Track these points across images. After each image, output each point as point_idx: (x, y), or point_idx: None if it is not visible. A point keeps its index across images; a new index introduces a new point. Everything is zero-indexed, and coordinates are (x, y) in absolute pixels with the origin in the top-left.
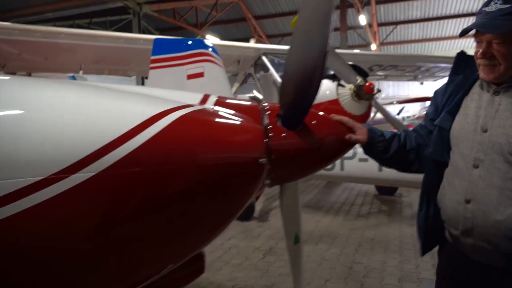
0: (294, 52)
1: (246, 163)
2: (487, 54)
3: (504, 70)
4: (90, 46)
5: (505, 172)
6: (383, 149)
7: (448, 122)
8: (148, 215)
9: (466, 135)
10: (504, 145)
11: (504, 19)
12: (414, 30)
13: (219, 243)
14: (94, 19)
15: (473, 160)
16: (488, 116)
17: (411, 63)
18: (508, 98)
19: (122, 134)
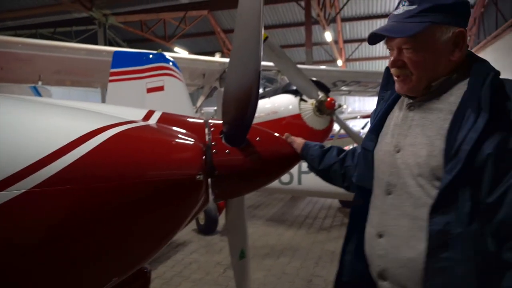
0: (231, 72)
1: (182, 180)
2: (398, 63)
3: (416, 81)
4: (50, 57)
5: (417, 198)
6: (313, 162)
7: (372, 142)
8: (80, 232)
9: (383, 157)
10: (413, 167)
11: (411, 21)
12: (378, 47)
13: (179, 257)
14: (59, 28)
15: (386, 186)
16: (401, 134)
17: (373, 79)
18: (421, 112)
19: (54, 151)
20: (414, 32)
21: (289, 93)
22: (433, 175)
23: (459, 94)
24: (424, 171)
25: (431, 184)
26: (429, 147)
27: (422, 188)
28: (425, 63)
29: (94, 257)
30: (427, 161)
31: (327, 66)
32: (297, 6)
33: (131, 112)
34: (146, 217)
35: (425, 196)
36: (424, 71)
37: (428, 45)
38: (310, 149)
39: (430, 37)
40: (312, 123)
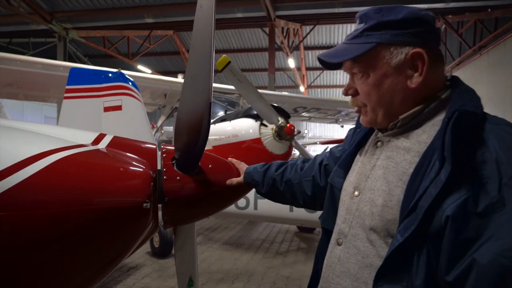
0: (183, 101)
1: (128, 208)
2: (349, 91)
3: (372, 113)
4: (2, 69)
5: (363, 255)
6: (257, 184)
7: (341, 179)
8: (17, 261)
9: (344, 197)
10: (367, 216)
11: (356, 42)
12: (339, 76)
13: (130, 282)
14: (15, 39)
15: (338, 234)
16: (363, 174)
17: (332, 107)
18: (388, 151)
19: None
20: (353, 55)
21: (250, 117)
22: (386, 231)
23: (433, 132)
24: (376, 224)
25: (384, 242)
26: (386, 195)
27: (371, 244)
28: (375, 92)
29: (32, 287)
30: (382, 212)
31: (289, 91)
32: (262, 32)
33: (80, 135)
34: (90, 244)
35: (373, 254)
36: (377, 102)
37: (376, 70)
38: (252, 174)
39: (377, 61)
40: (271, 147)
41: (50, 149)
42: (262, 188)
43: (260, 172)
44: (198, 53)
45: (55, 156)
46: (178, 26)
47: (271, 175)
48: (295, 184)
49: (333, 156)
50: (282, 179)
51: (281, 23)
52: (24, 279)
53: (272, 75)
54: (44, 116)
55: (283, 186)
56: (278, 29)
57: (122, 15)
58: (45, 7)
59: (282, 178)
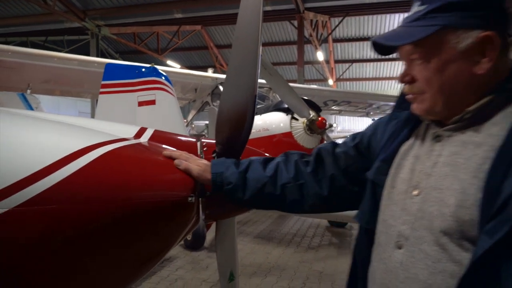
0: (227, 93)
1: (174, 201)
2: (406, 78)
3: (431, 102)
4: (40, 66)
5: (434, 260)
6: (235, 188)
7: (385, 175)
8: (66, 253)
9: (397, 197)
10: (435, 218)
11: (418, 24)
12: (368, 68)
13: (165, 274)
14: (50, 37)
15: (397, 237)
16: (423, 171)
17: (363, 100)
18: (452, 146)
19: (41, 168)
20: (416, 38)
21: (280, 111)
22: (461, 233)
23: (505, 125)
24: (449, 226)
25: (457, 245)
26: (460, 194)
27: (442, 248)
28: (438, 79)
29: (79, 280)
30: (456, 213)
31: (318, 85)
32: (290, 25)
33: (122, 128)
34: (136, 238)
35: (446, 259)
36: (439, 89)
37: (440, 56)
38: (223, 175)
39: (442, 45)
40: (302, 141)
41: (95, 143)
42: (244, 193)
43: (236, 173)
44: (243, 44)
45: (101, 150)
46: (206, 21)
47: (257, 177)
48: (302, 185)
49: (357, 149)
50: (276, 182)
51: (310, 15)
52: (73, 271)
53: (301, 68)
54: (78, 111)
55: (279, 190)
56: (307, 21)
57: (152, 11)
58: (78, 5)
59: (275, 180)
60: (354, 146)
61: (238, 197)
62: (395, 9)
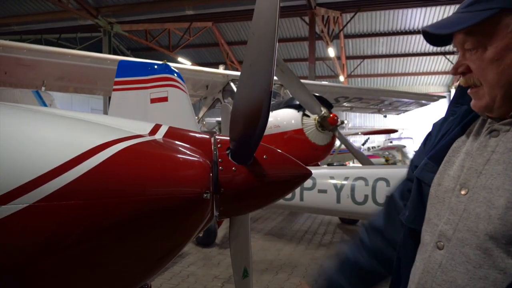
0: (242, 90)
1: (189, 198)
2: (461, 68)
3: (489, 96)
4: (54, 63)
5: (475, 265)
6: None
7: (433, 173)
8: (84, 248)
9: (443, 195)
10: (482, 219)
11: (473, 9)
12: (380, 64)
13: (177, 270)
14: (64, 34)
15: (438, 236)
16: (473, 168)
17: (375, 96)
18: (509, 142)
19: (60, 164)
20: (468, 24)
21: (292, 107)
22: (509, 238)
23: None
24: (496, 229)
25: (504, 251)
26: (511, 195)
27: (485, 253)
28: (494, 68)
29: (97, 275)
30: (505, 215)
31: (329, 81)
32: (301, 21)
33: (138, 125)
34: (152, 234)
35: (488, 265)
36: (496, 81)
37: (497, 42)
38: None
39: (500, 30)
40: (314, 138)
41: (113, 140)
42: None
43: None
44: (259, 40)
45: (118, 146)
46: (217, 18)
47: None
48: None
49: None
50: None
51: (321, 11)
52: (90, 266)
53: (312, 64)
54: (90, 108)
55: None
56: (318, 17)
57: (163, 8)
58: (91, 3)
59: None
60: (410, 165)
61: None
62: (408, 4)
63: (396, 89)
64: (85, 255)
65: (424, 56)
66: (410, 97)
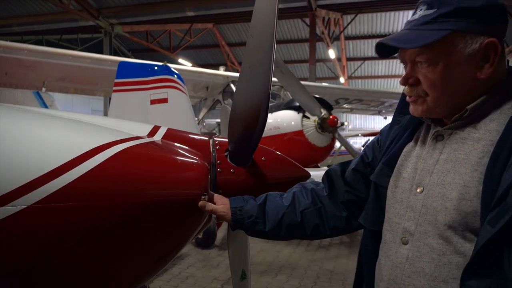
0: (240, 91)
1: (187, 200)
2: (410, 80)
3: (432, 103)
4: (55, 64)
5: (439, 253)
6: (256, 221)
7: (387, 177)
8: (82, 250)
9: (400, 195)
10: (439, 212)
11: (428, 28)
12: (380, 66)
13: (176, 271)
14: (65, 35)
15: (402, 233)
16: (425, 169)
17: (375, 98)
18: (453, 143)
19: (58, 166)
20: (428, 41)
21: (291, 109)
22: (465, 225)
23: (503, 120)
24: (453, 219)
25: (462, 236)
26: (461, 188)
27: (447, 241)
28: (443, 82)
29: (95, 276)
30: (458, 206)
31: (329, 83)
32: (301, 22)
33: (136, 127)
34: (150, 236)
35: (450, 251)
36: (442, 92)
37: (447, 59)
38: (243, 209)
39: (450, 49)
40: (314, 140)
41: (111, 141)
42: (265, 224)
43: (255, 206)
44: (258, 42)
45: (117, 148)
46: (217, 19)
47: (276, 207)
48: (320, 209)
49: (364, 162)
50: (295, 209)
51: (322, 12)
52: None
53: (312, 66)
54: (91, 109)
55: (299, 217)
56: (319, 19)
57: (164, 9)
58: (93, 4)
59: (294, 208)
60: (360, 161)
61: (259, 230)
62: (408, 6)
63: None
64: (83, 256)
65: None
66: None
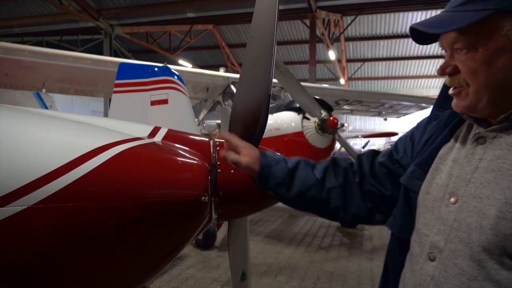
0: (241, 92)
1: (187, 201)
2: (448, 68)
3: (475, 96)
4: (55, 65)
5: (469, 277)
6: (282, 183)
7: (420, 181)
8: (82, 250)
9: (431, 204)
10: (474, 230)
11: (466, 9)
12: (380, 67)
13: (176, 272)
14: (65, 36)
15: (429, 248)
16: (461, 177)
17: (375, 99)
18: (497, 149)
19: (59, 166)
20: (463, 24)
21: (292, 110)
22: (502, 249)
23: None
24: (488, 240)
25: (498, 262)
26: (502, 205)
27: (479, 265)
28: (485, 70)
29: (95, 277)
30: (497, 226)
31: (329, 84)
32: (302, 24)
33: (137, 128)
34: (150, 237)
35: (482, 277)
36: (485, 83)
37: (489, 44)
38: (272, 167)
39: (493, 32)
40: (314, 141)
41: (111, 142)
42: (289, 190)
43: (285, 169)
44: (258, 42)
45: (116, 149)
46: (218, 20)
47: (305, 176)
48: (348, 193)
49: (393, 158)
50: (324, 185)
51: (322, 14)
52: (87, 269)
53: (313, 67)
54: (91, 110)
55: (326, 194)
56: (319, 20)
57: (164, 11)
58: (93, 5)
59: (323, 183)
60: (389, 155)
61: (282, 194)
62: (409, 7)
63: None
64: (83, 257)
65: (424, 59)
66: (410, 100)
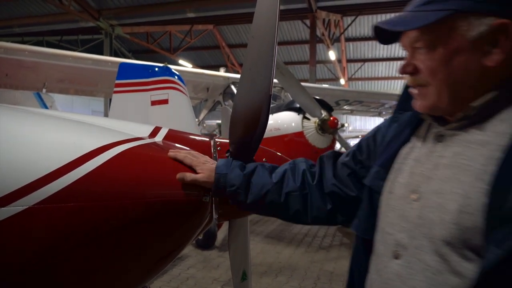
0: (241, 92)
1: (188, 201)
2: (408, 68)
3: (435, 95)
4: (55, 65)
5: (434, 272)
6: (237, 191)
7: (382, 180)
8: (83, 251)
9: (395, 202)
10: (436, 225)
11: (427, 9)
12: (380, 68)
13: (176, 272)
14: (65, 36)
15: (394, 246)
16: (423, 174)
17: (376, 99)
18: (455, 146)
19: (60, 166)
20: (424, 23)
21: (292, 110)
22: (464, 242)
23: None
24: (451, 234)
25: (460, 255)
26: (462, 199)
27: (443, 259)
28: (443, 69)
29: (95, 277)
30: (458, 220)
31: (329, 84)
32: (302, 24)
33: (137, 128)
34: (151, 237)
35: (447, 270)
36: (444, 81)
37: (448, 43)
38: (227, 177)
39: (452, 32)
40: (314, 141)
41: (112, 142)
42: (246, 196)
43: (240, 176)
44: (259, 42)
45: (117, 149)
46: (218, 20)
47: (262, 182)
48: (306, 196)
49: (356, 159)
50: (281, 189)
51: (322, 14)
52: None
53: (313, 67)
54: (91, 110)
55: (283, 198)
56: (319, 20)
57: (165, 11)
58: (93, 5)
59: (281, 187)
60: (352, 155)
61: (240, 201)
62: None
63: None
64: (84, 257)
65: None
66: None
